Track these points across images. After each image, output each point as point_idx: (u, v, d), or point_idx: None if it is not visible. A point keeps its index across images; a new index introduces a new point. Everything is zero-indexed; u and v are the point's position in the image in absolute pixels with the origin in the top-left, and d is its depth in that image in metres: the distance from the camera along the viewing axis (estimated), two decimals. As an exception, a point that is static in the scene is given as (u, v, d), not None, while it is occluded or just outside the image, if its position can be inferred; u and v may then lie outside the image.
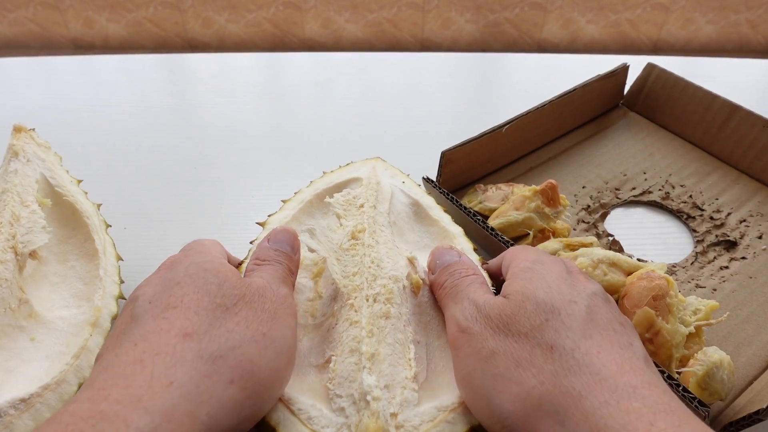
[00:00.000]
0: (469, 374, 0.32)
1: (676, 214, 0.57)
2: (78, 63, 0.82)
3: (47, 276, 0.45)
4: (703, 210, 0.57)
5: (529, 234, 0.50)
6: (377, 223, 0.42)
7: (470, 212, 0.50)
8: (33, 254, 0.44)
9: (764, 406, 0.35)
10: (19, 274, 0.42)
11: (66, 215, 0.47)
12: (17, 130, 0.49)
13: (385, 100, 0.75)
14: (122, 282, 0.47)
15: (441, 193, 0.52)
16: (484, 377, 0.31)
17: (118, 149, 0.67)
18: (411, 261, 0.40)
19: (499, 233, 0.48)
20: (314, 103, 0.75)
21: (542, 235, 0.51)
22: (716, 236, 0.54)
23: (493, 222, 0.51)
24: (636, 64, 0.68)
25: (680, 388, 0.37)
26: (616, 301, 0.44)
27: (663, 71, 0.65)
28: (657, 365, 0.38)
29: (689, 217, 0.56)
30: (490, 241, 0.49)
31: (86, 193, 0.50)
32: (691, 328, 0.41)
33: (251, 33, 1.54)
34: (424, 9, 1.49)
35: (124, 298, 0.47)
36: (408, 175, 0.50)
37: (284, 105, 0.75)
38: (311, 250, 0.40)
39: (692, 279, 0.50)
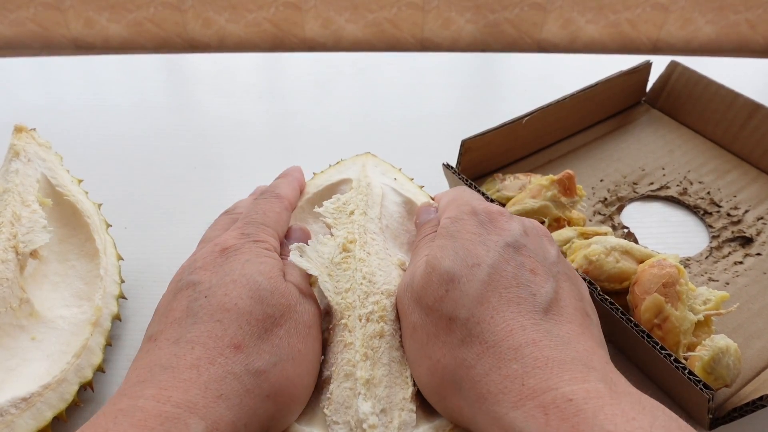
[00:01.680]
0: (406, 348, 0.34)
1: (693, 209, 0.57)
2: (78, 63, 0.82)
3: (48, 275, 0.45)
4: (720, 206, 0.57)
5: (544, 222, 0.51)
6: (368, 231, 0.41)
7: (488, 198, 0.52)
8: (34, 254, 0.44)
9: None
10: (19, 274, 0.42)
11: (67, 215, 0.48)
12: (18, 129, 0.49)
13: (385, 100, 0.76)
14: (123, 281, 0.47)
15: (460, 178, 0.54)
16: (410, 351, 0.33)
17: (118, 149, 0.67)
18: (401, 266, 0.40)
19: None
20: (314, 103, 0.76)
21: (557, 224, 0.52)
22: (732, 232, 0.54)
23: (509, 209, 0.52)
24: (658, 63, 0.68)
25: (686, 371, 0.37)
26: (627, 289, 0.44)
27: (686, 69, 0.65)
28: (665, 350, 0.38)
29: (706, 212, 0.56)
30: None
31: (87, 192, 0.50)
32: (700, 316, 0.41)
33: (251, 33, 1.54)
34: (424, 9, 1.49)
35: (124, 298, 0.47)
36: (400, 169, 0.50)
37: (284, 105, 0.75)
38: (303, 269, 0.38)
39: (705, 272, 0.51)
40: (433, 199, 0.45)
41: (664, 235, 0.55)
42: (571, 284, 0.33)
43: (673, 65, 0.66)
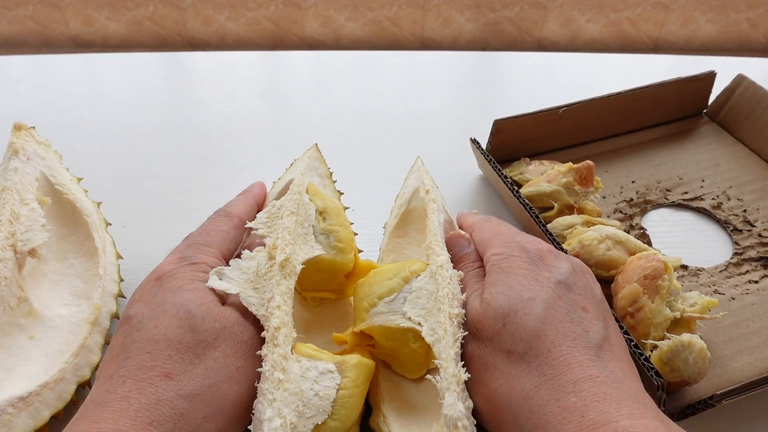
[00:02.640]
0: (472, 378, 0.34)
1: (723, 224, 0.56)
2: (78, 61, 0.82)
3: (47, 274, 0.45)
4: (753, 226, 0.55)
5: (554, 206, 0.52)
6: (292, 231, 0.39)
7: (503, 176, 0.54)
8: (32, 252, 0.44)
9: (719, 392, 0.38)
10: (18, 272, 0.42)
11: (66, 213, 0.47)
12: (17, 128, 0.48)
13: (385, 99, 0.75)
14: (122, 280, 0.47)
15: (482, 154, 0.56)
16: (470, 379, 0.33)
17: (118, 147, 0.67)
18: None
19: (527, 201, 0.51)
20: (314, 101, 0.75)
21: (569, 212, 0.52)
22: (758, 252, 0.53)
23: (523, 190, 0.54)
24: (722, 68, 0.66)
25: (642, 357, 0.38)
26: (614, 278, 0.45)
27: (751, 84, 0.63)
28: (628, 334, 0.40)
29: (735, 229, 0.55)
30: (521, 210, 0.52)
31: (86, 191, 0.50)
32: (677, 314, 0.42)
33: (251, 31, 1.53)
34: (424, 7, 1.48)
35: (123, 297, 0.47)
36: (331, 174, 0.48)
37: (284, 103, 0.75)
38: (221, 293, 0.36)
39: (713, 284, 0.50)
40: (461, 227, 0.45)
41: (683, 243, 0.54)
42: (615, 323, 0.35)
43: (740, 78, 0.64)
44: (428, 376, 0.34)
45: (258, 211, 0.44)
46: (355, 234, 0.45)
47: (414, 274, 0.39)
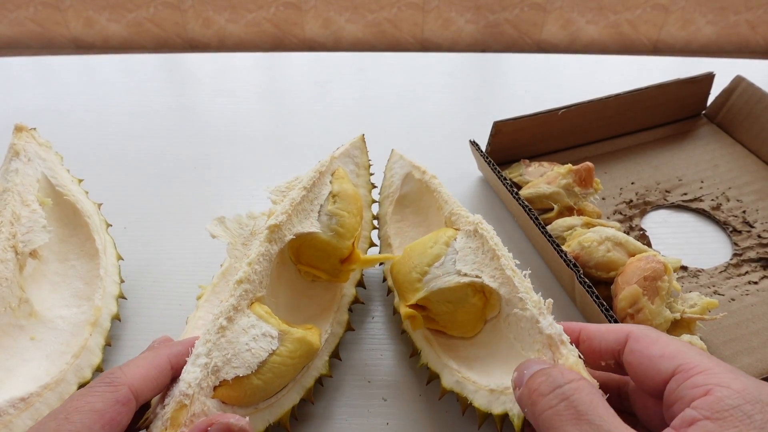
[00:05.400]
0: None
1: (722, 225, 0.56)
2: (78, 63, 0.82)
3: (47, 275, 0.45)
4: (752, 227, 0.55)
5: (554, 208, 0.52)
6: (296, 205, 0.42)
7: (502, 177, 0.54)
8: (33, 253, 0.44)
9: None
10: (19, 273, 0.42)
11: (67, 214, 0.47)
12: (18, 129, 0.49)
13: (385, 100, 0.76)
14: (122, 281, 0.47)
15: (482, 156, 0.56)
16: None
17: (118, 149, 0.67)
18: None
19: (526, 203, 0.52)
20: (314, 103, 0.76)
21: (569, 213, 0.53)
22: (757, 253, 0.53)
23: (523, 192, 0.54)
24: (721, 70, 0.66)
25: None
26: (613, 279, 0.46)
27: (750, 85, 0.63)
28: None
29: (735, 230, 0.55)
30: (521, 212, 0.52)
31: (87, 192, 0.50)
32: (677, 315, 0.42)
33: (251, 33, 1.54)
34: (424, 9, 1.49)
35: (124, 298, 0.47)
36: (370, 165, 0.50)
37: (284, 105, 0.75)
38: (213, 236, 0.41)
39: (713, 285, 0.50)
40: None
41: (682, 244, 0.54)
42: None
43: (738, 80, 0.64)
44: (516, 310, 0.37)
45: (166, 376, 0.34)
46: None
47: (451, 238, 0.41)
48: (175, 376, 0.34)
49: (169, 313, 0.48)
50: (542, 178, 0.55)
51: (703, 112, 0.68)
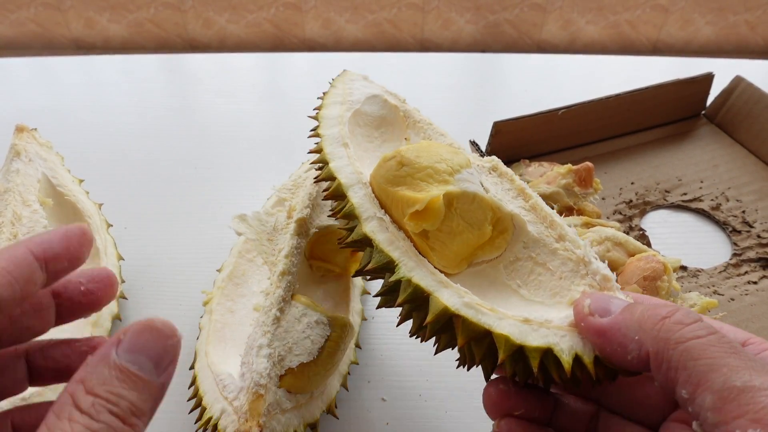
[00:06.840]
0: None
1: (722, 225, 0.56)
2: (79, 63, 0.82)
3: (49, 275, 0.45)
4: (752, 227, 0.55)
5: (553, 208, 0.51)
6: (313, 199, 0.43)
7: None
8: (34, 253, 0.44)
9: None
10: (20, 273, 0.42)
11: (67, 214, 0.48)
12: (19, 129, 0.49)
13: (385, 101, 0.76)
14: (123, 281, 0.47)
15: (481, 155, 0.55)
16: None
17: (119, 149, 0.67)
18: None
19: None
20: (314, 103, 0.75)
21: (569, 213, 0.53)
22: (757, 253, 0.53)
23: None
24: (721, 70, 0.66)
25: None
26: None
27: (749, 85, 0.63)
28: None
29: (734, 230, 0.55)
30: None
31: (87, 192, 0.50)
32: None
33: (252, 33, 1.54)
34: (424, 10, 1.49)
35: (125, 298, 0.47)
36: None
37: (284, 105, 0.75)
38: (238, 233, 0.41)
39: (712, 285, 0.50)
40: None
41: (682, 244, 0.55)
42: None
43: (738, 80, 0.64)
44: (555, 247, 0.33)
45: (55, 265, 0.26)
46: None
47: (468, 161, 0.35)
48: (49, 270, 0.26)
49: (170, 312, 0.49)
50: (542, 178, 0.55)
51: (703, 112, 0.68)
